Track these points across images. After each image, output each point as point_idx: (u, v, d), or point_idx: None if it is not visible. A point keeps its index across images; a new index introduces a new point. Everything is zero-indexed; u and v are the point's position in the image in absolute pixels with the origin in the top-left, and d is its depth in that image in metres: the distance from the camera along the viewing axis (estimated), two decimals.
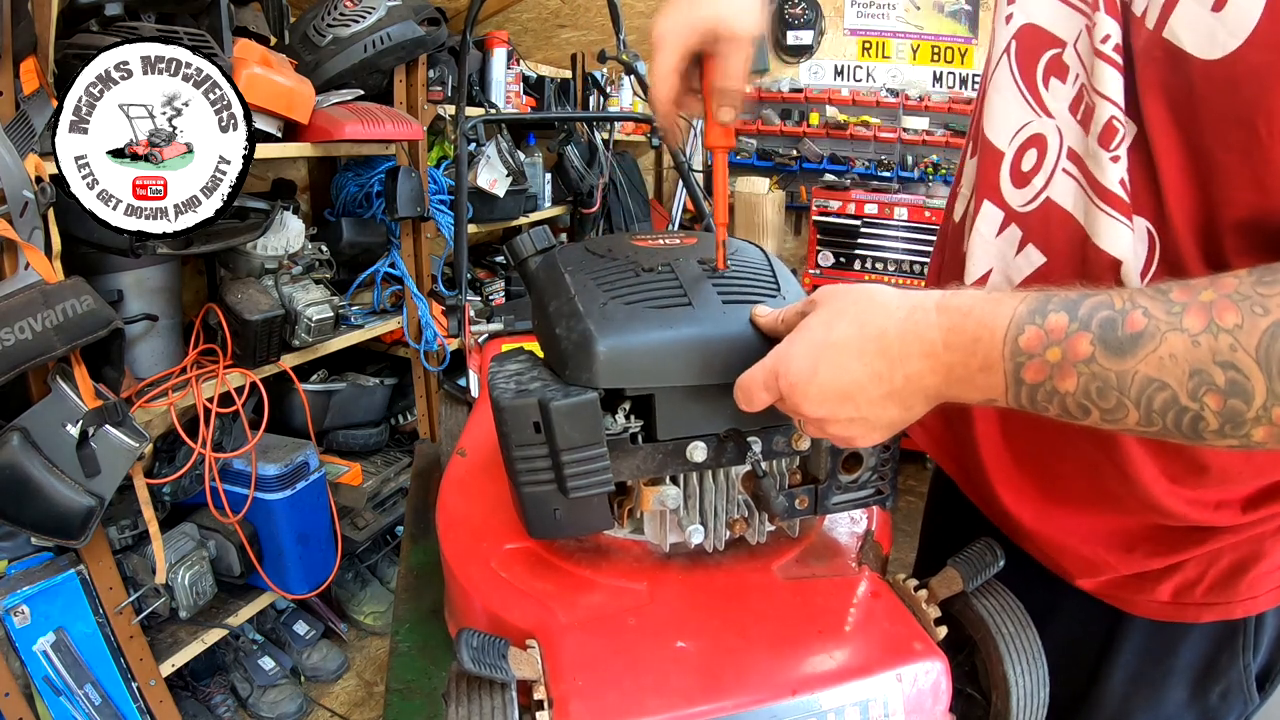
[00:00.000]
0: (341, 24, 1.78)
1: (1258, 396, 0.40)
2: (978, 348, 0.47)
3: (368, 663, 2.07)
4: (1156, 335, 0.42)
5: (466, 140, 1.77)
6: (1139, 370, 0.43)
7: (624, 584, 0.64)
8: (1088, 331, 0.44)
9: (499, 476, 0.65)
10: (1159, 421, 0.43)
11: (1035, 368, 0.45)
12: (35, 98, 1.20)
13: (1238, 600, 0.65)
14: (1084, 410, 0.45)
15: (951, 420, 0.80)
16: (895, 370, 0.49)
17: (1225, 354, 0.41)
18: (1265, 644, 0.68)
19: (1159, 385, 0.42)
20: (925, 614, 0.60)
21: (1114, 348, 0.43)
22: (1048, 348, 0.45)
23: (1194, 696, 0.70)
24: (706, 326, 0.58)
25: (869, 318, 0.50)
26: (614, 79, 3.30)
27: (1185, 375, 0.42)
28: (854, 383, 0.50)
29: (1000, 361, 0.46)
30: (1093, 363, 0.44)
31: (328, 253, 1.91)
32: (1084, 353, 0.44)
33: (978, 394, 0.49)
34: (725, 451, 0.61)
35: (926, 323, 0.49)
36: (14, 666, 1.36)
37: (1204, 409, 0.42)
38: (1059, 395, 0.45)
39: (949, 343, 0.48)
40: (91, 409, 1.26)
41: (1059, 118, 0.60)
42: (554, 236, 0.73)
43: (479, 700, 0.53)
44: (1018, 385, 0.46)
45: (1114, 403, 0.44)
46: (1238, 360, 0.40)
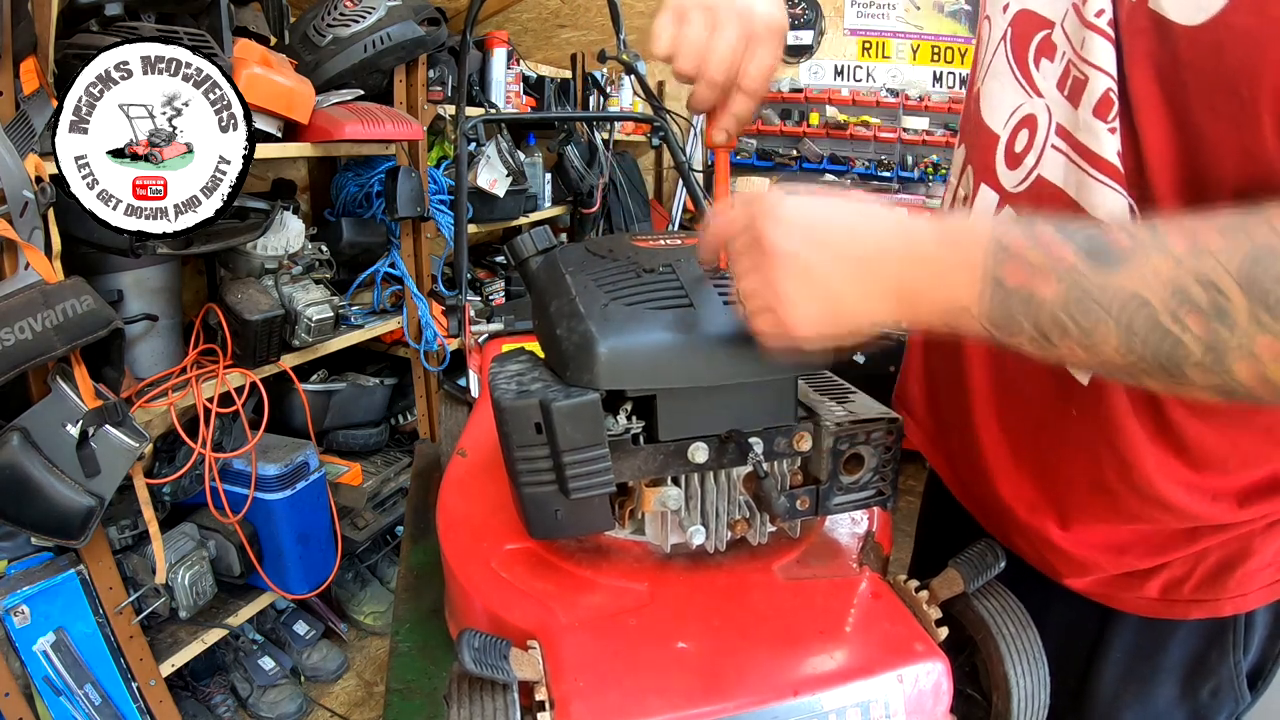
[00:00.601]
0: (341, 24, 1.78)
1: (1240, 323, 0.39)
2: (960, 241, 0.46)
3: (368, 663, 2.07)
4: (1141, 252, 0.41)
5: (466, 140, 1.77)
6: (1122, 285, 0.41)
7: (625, 584, 0.64)
8: (1072, 242, 0.43)
9: (499, 477, 0.65)
10: (1138, 347, 0.41)
11: (1015, 268, 0.43)
12: (35, 98, 1.20)
13: (1226, 597, 0.65)
14: (1060, 329, 0.43)
15: (948, 413, 0.81)
16: (872, 237, 0.47)
17: (1207, 273, 0.40)
18: (1256, 642, 0.68)
19: (1141, 302, 0.41)
20: (926, 615, 0.60)
21: (1098, 258, 0.42)
22: (1031, 249, 0.43)
23: (1184, 694, 0.70)
24: (708, 327, 0.58)
25: (870, 201, 0.49)
26: (614, 79, 3.30)
27: (1168, 293, 0.40)
28: (831, 228, 0.48)
29: (980, 258, 0.44)
30: (1075, 271, 0.42)
31: (328, 253, 1.91)
32: (1068, 259, 0.43)
33: (946, 295, 0.46)
34: (727, 452, 0.61)
35: (917, 217, 0.47)
36: (14, 666, 1.36)
37: (1185, 332, 0.40)
38: (1035, 304, 0.43)
39: (936, 237, 0.47)
40: (91, 409, 1.26)
41: (1048, 96, 0.60)
42: (554, 236, 0.73)
43: (480, 701, 0.53)
44: (994, 287, 0.44)
45: (1094, 319, 0.42)
46: (1220, 281, 0.39)
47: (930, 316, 0.47)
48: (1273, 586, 0.66)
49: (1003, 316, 0.44)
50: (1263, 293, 0.38)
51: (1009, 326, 0.44)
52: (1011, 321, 0.44)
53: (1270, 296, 0.38)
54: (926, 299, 0.47)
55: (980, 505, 0.79)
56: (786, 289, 0.48)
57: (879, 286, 0.47)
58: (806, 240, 0.48)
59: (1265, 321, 0.38)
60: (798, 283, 0.48)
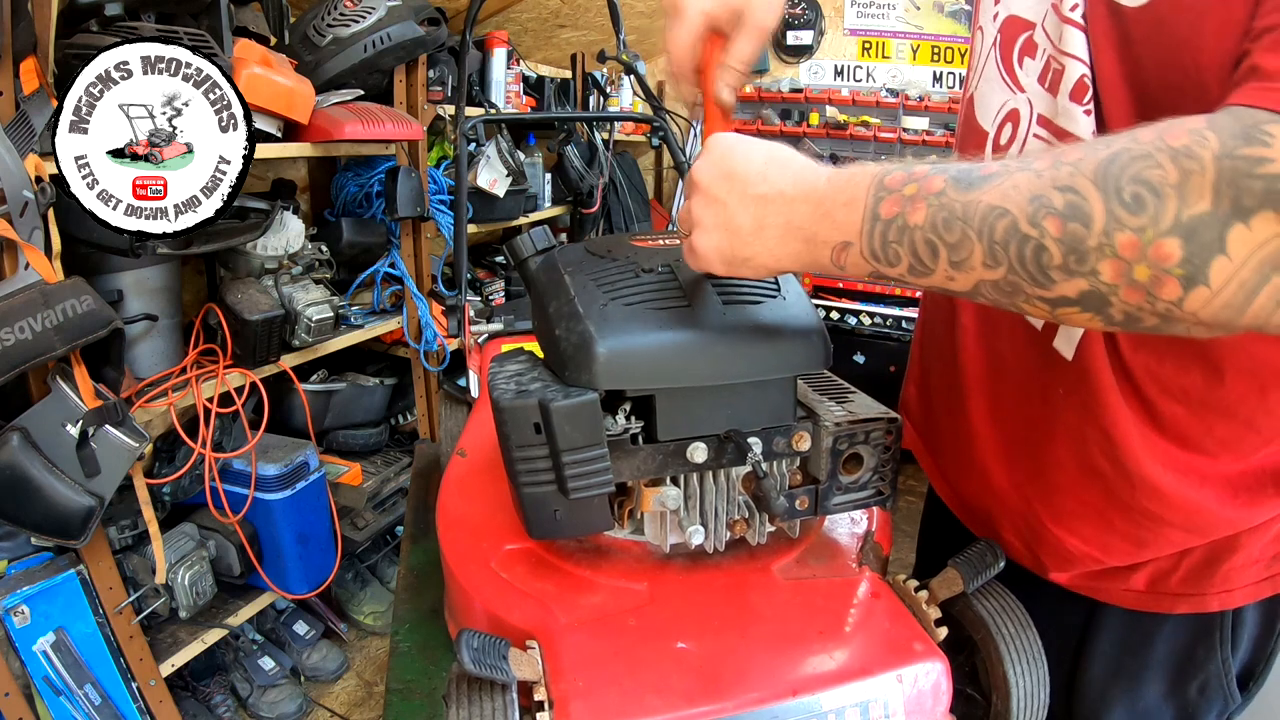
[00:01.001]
0: (341, 24, 1.78)
1: (1097, 219, 0.39)
2: (848, 185, 0.49)
3: (368, 663, 2.07)
4: (1004, 173, 0.43)
5: (466, 140, 1.77)
6: (983, 199, 0.43)
7: (624, 584, 0.64)
8: (945, 174, 0.45)
9: (499, 477, 0.65)
10: (1003, 257, 0.42)
11: (891, 202, 0.46)
12: (35, 98, 1.20)
13: (1212, 592, 0.66)
14: (930, 250, 0.45)
15: (941, 408, 0.82)
16: (775, 178, 0.51)
17: (1064, 179, 0.41)
18: (1245, 642, 0.69)
19: (1000, 212, 0.42)
20: (926, 615, 0.60)
21: (964, 183, 0.44)
22: (907, 184, 0.46)
23: (1172, 690, 0.70)
24: (706, 327, 0.58)
25: (794, 152, 0.53)
26: (614, 79, 3.30)
27: (1025, 200, 0.41)
28: (747, 168, 0.53)
29: (863, 196, 0.48)
30: (943, 195, 0.44)
31: (328, 253, 1.91)
32: (936, 188, 0.45)
33: (834, 231, 0.49)
34: (726, 452, 0.61)
35: (820, 166, 0.52)
36: (14, 666, 1.36)
37: (1044, 236, 0.41)
38: (908, 231, 0.46)
39: (830, 180, 0.50)
40: (91, 409, 1.26)
41: (1030, 90, 0.64)
42: (554, 236, 0.73)
43: (480, 701, 0.53)
44: (873, 221, 0.47)
45: (958, 235, 0.44)
46: (1076, 184, 0.40)
47: (822, 255, 0.50)
48: (1259, 585, 0.66)
49: (881, 247, 0.47)
50: (1117, 189, 0.39)
51: (887, 255, 0.47)
52: (888, 250, 0.47)
53: (1125, 192, 0.38)
54: (817, 237, 0.50)
55: (970, 504, 0.80)
56: (700, 216, 0.55)
57: (776, 225, 0.51)
58: (720, 176, 0.53)
59: (1123, 217, 0.39)
60: (707, 212, 0.54)
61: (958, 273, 0.45)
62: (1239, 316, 0.38)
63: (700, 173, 0.55)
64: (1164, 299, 0.39)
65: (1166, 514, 0.63)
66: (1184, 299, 0.39)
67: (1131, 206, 0.38)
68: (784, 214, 0.51)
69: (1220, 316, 0.39)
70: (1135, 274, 0.39)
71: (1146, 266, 0.38)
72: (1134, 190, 0.38)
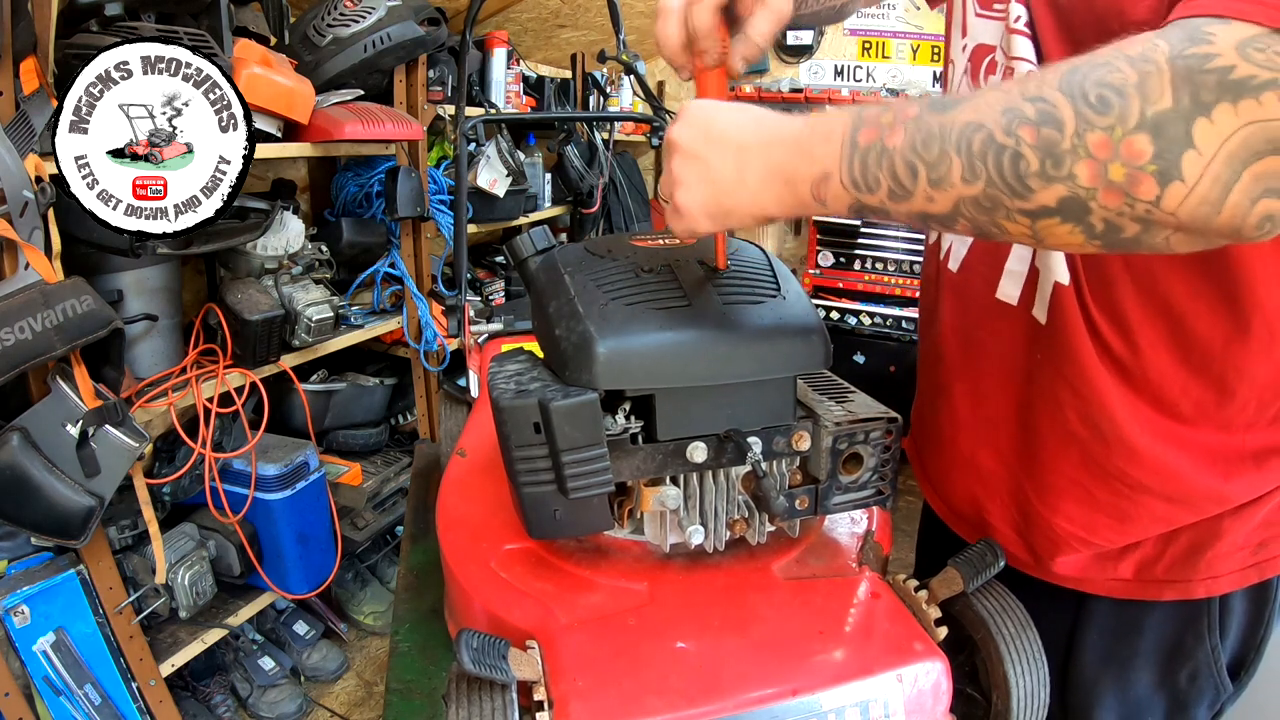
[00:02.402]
0: (341, 24, 1.78)
1: (1068, 123, 0.41)
2: (826, 123, 0.50)
3: (368, 663, 2.07)
4: (976, 95, 0.45)
5: (466, 140, 1.77)
6: (959, 118, 0.45)
7: (624, 584, 0.64)
8: (919, 102, 0.47)
9: (499, 477, 0.65)
10: (982, 170, 0.43)
11: (869, 130, 0.48)
12: (35, 98, 1.20)
13: (1198, 579, 0.67)
14: (910, 170, 0.46)
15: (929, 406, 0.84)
16: (752, 128, 0.53)
17: (1032, 91, 0.43)
18: (1234, 630, 0.70)
19: (976, 126, 0.44)
20: (925, 614, 0.60)
21: (939, 106, 0.46)
22: (883, 114, 0.48)
23: (1163, 678, 0.71)
24: (706, 327, 0.58)
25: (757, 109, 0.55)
26: (614, 79, 3.30)
27: (999, 113, 0.43)
28: (720, 124, 0.54)
29: (841, 130, 0.49)
30: (919, 119, 0.46)
31: (328, 253, 1.91)
32: (913, 113, 0.47)
33: (813, 165, 0.50)
34: (725, 452, 0.61)
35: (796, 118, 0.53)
36: (14, 666, 1.36)
37: (1020, 144, 0.42)
38: (887, 154, 0.47)
39: (808, 121, 0.52)
40: (91, 409, 1.26)
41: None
42: (554, 236, 0.73)
43: (479, 701, 0.53)
44: (852, 149, 0.48)
45: (937, 151, 0.45)
46: (1044, 93, 0.42)
47: (803, 191, 0.51)
48: (1245, 572, 0.67)
49: (861, 174, 0.48)
50: (1083, 93, 0.41)
51: (867, 181, 0.48)
52: (869, 176, 0.48)
53: (1090, 95, 0.40)
54: (797, 174, 0.51)
55: (960, 509, 0.81)
56: (682, 175, 0.56)
57: (756, 170, 0.53)
58: (699, 134, 0.55)
59: (1091, 118, 0.40)
60: (688, 170, 0.55)
61: (937, 192, 0.46)
62: (1215, 214, 0.39)
63: (679, 134, 0.56)
64: (1142, 199, 0.40)
65: (1143, 477, 0.65)
66: (1161, 197, 0.39)
67: (1098, 107, 0.40)
68: (763, 158, 0.52)
69: (1198, 214, 0.39)
70: (1111, 174, 0.40)
71: (1121, 165, 0.40)
72: (1099, 93, 0.40)
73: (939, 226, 0.48)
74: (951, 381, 0.78)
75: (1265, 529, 0.66)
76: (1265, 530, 0.66)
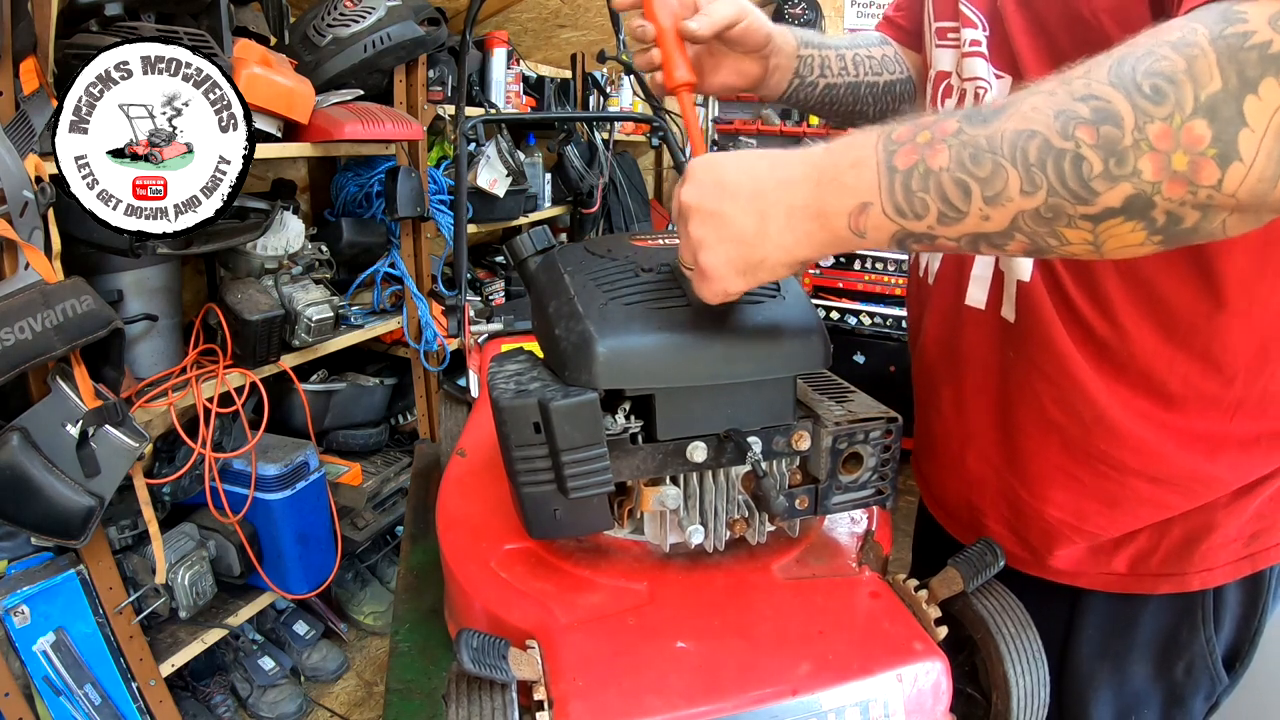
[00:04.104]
0: (341, 24, 1.78)
1: (1126, 117, 0.40)
2: (851, 148, 0.48)
3: (368, 663, 2.07)
4: (1015, 101, 0.44)
5: (466, 140, 1.77)
6: (1006, 128, 0.43)
7: (624, 584, 0.64)
8: (954, 116, 0.45)
9: (499, 476, 0.65)
10: (1042, 179, 0.42)
11: (906, 152, 0.45)
12: (35, 98, 1.20)
13: (1193, 571, 0.68)
14: (962, 190, 0.44)
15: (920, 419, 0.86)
16: (773, 171, 0.50)
17: (1081, 90, 0.41)
18: (1228, 623, 0.70)
19: (1028, 134, 0.42)
20: (925, 614, 0.60)
21: (978, 119, 0.44)
22: (918, 133, 0.46)
23: (1159, 671, 0.72)
24: (706, 327, 0.58)
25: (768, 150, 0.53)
26: (614, 79, 3.30)
27: (1051, 118, 0.42)
28: (734, 175, 0.51)
29: (872, 153, 0.46)
30: (960, 134, 0.44)
31: (328, 253, 1.91)
32: (951, 128, 0.45)
33: (847, 196, 0.47)
34: (725, 451, 0.61)
35: (812, 145, 0.51)
36: (14, 666, 1.36)
37: (1080, 145, 0.41)
38: (933, 176, 0.44)
39: (828, 150, 0.49)
40: (91, 409, 1.26)
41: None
42: (554, 236, 0.73)
43: (479, 701, 0.53)
44: (890, 175, 0.46)
45: (990, 166, 0.43)
46: (1095, 90, 0.41)
47: (840, 229, 0.49)
48: (1239, 564, 0.68)
49: (905, 199, 0.45)
50: (1136, 85, 0.40)
51: (914, 207, 0.45)
52: (914, 201, 0.45)
53: (1145, 85, 0.40)
54: (828, 209, 0.48)
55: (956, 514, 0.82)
56: (700, 237, 0.52)
57: (779, 213, 0.50)
58: (712, 193, 0.51)
59: (1149, 109, 0.39)
60: (706, 230, 0.52)
61: (993, 209, 0.44)
62: (1272, 189, 0.39)
63: (688, 195, 0.53)
64: (1204, 184, 0.40)
65: (1126, 458, 0.65)
66: (1223, 180, 0.39)
67: (1153, 97, 0.39)
68: (785, 199, 0.49)
69: (1257, 191, 0.39)
70: (1174, 163, 0.39)
71: (1183, 153, 0.39)
72: (1152, 83, 0.39)
73: (990, 248, 0.46)
74: (938, 389, 0.80)
75: (1258, 520, 0.67)
76: (1258, 522, 0.67)
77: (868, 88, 0.89)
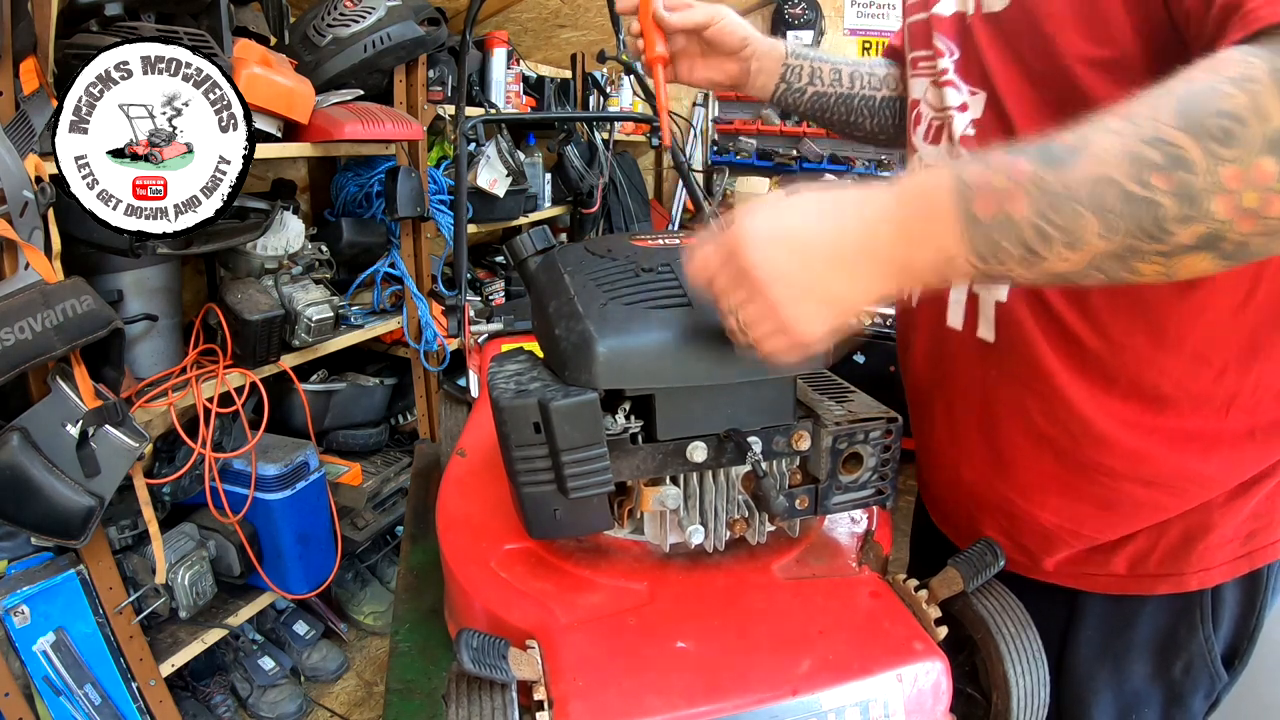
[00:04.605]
0: (341, 24, 1.78)
1: (1198, 162, 0.41)
2: (926, 195, 0.47)
3: (368, 663, 2.07)
4: (1085, 140, 0.44)
5: (466, 140, 1.77)
6: (1083, 173, 0.43)
7: (624, 584, 0.64)
8: (1025, 155, 0.45)
9: (499, 476, 0.65)
10: (1119, 225, 0.43)
11: (984, 200, 0.45)
12: (35, 98, 1.20)
13: (1191, 571, 0.68)
14: (1043, 237, 0.44)
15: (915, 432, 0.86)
16: (848, 226, 0.49)
17: (1151, 133, 0.42)
18: (1227, 621, 0.70)
19: (1105, 181, 0.43)
20: (925, 614, 0.60)
21: (1052, 161, 0.44)
22: (992, 178, 0.45)
23: (1158, 671, 0.72)
24: (706, 326, 0.58)
25: (825, 190, 0.50)
26: (614, 79, 3.30)
27: (1125, 164, 0.42)
28: (808, 232, 0.49)
29: (949, 202, 0.46)
30: (1037, 178, 0.44)
31: (328, 253, 1.91)
32: (1027, 171, 0.44)
33: (931, 248, 0.47)
34: (725, 451, 0.61)
35: (879, 189, 0.49)
36: (14, 666, 1.36)
37: (1155, 193, 0.42)
38: (1014, 225, 0.44)
39: (901, 199, 0.48)
40: (91, 409, 1.26)
41: (921, 149, 0.76)
42: (554, 236, 0.73)
43: (479, 701, 0.53)
44: (971, 225, 0.45)
45: (1070, 214, 0.43)
46: (1163, 134, 0.42)
47: (922, 273, 0.48)
48: (1236, 562, 0.68)
49: (988, 248, 0.46)
50: (1206, 130, 0.41)
51: (997, 255, 0.46)
52: (998, 249, 0.45)
53: (1215, 128, 0.40)
54: (912, 259, 0.48)
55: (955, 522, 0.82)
56: (787, 306, 0.49)
57: (866, 266, 0.49)
58: (787, 255, 0.49)
59: (1221, 153, 0.40)
60: (795, 296, 0.49)
61: (1072, 253, 0.44)
62: None
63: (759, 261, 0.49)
64: (1273, 216, 0.41)
65: (1117, 464, 0.66)
66: None
67: (1222, 139, 0.40)
68: (868, 253, 0.48)
69: None
70: (1245, 201, 0.41)
71: (1253, 191, 0.40)
72: (1219, 124, 0.40)
73: (1063, 283, 0.47)
74: (929, 405, 0.80)
75: (1254, 520, 0.67)
76: (1254, 521, 0.67)
77: (862, 100, 0.91)
